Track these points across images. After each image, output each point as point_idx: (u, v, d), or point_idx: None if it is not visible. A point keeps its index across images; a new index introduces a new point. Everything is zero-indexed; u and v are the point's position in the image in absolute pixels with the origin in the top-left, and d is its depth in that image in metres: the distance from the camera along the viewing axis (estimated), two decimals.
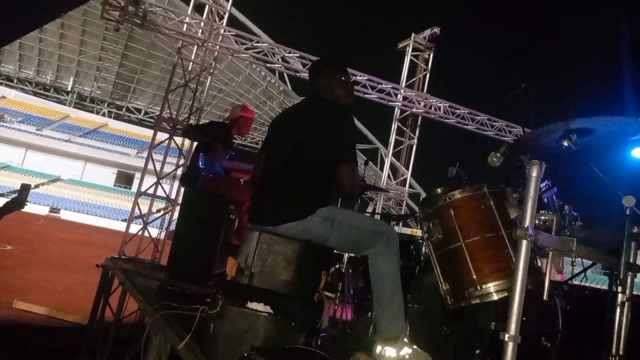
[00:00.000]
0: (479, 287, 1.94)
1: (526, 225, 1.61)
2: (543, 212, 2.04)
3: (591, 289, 3.18)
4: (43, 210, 30.92)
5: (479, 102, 11.08)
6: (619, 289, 1.94)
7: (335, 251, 2.49)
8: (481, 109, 10.38)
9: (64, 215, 32.12)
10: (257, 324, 1.81)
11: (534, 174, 1.67)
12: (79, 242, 16.28)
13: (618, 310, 1.93)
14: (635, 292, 2.17)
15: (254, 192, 2.41)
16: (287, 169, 2.25)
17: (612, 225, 2.28)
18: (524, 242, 1.60)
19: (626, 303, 1.92)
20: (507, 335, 1.56)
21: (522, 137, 2.07)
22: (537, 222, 2.01)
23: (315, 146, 2.20)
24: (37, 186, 34.25)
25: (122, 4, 6.49)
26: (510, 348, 1.54)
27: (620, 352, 1.96)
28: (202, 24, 7.74)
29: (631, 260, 2.09)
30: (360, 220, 2.27)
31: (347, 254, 3.49)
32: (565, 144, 2.02)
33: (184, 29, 7.82)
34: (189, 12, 7.82)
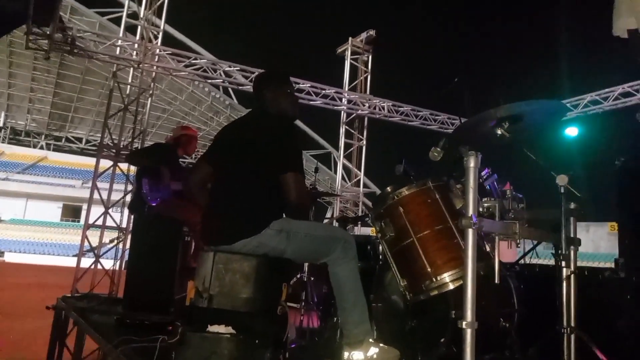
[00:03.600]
0: (434, 279, 2.00)
1: (470, 215, 1.67)
2: (486, 199, 2.14)
3: (541, 266, 3.33)
4: None
5: (420, 98, 11.45)
6: (563, 263, 2.05)
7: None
8: (423, 104, 10.73)
9: (9, 257, 30.20)
10: (220, 346, 1.78)
11: (472, 164, 1.75)
12: (28, 285, 15.36)
13: (564, 283, 2.04)
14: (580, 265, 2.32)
15: (204, 211, 2.38)
16: (236, 185, 2.23)
17: (554, 204, 2.41)
18: (470, 231, 1.67)
19: (571, 276, 2.04)
20: (464, 323, 1.62)
21: (458, 128, 2.15)
22: (480, 209, 2.10)
23: (262, 159, 2.20)
24: None
25: (48, 32, 6.22)
26: (468, 334, 1.60)
27: (572, 324, 2.07)
28: (136, 45, 7.54)
29: (571, 235, 2.22)
30: (315, 229, 2.28)
31: (307, 264, 3.50)
32: (499, 132, 2.12)
33: (118, 52, 7.58)
34: (121, 34, 7.59)
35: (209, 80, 8.80)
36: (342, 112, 10.29)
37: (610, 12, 2.73)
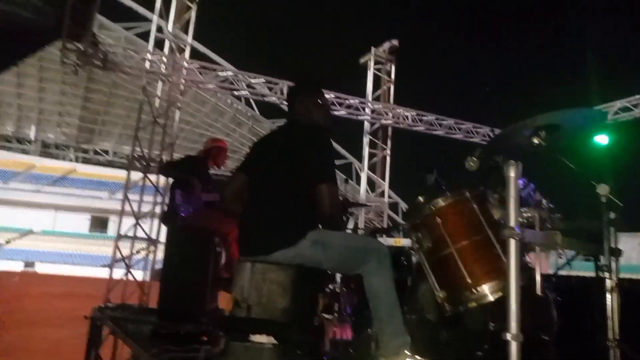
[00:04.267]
0: (474, 290, 1.98)
1: (512, 225, 1.66)
2: (524, 209, 2.11)
3: (577, 278, 3.27)
4: (17, 266, 29.79)
5: (444, 107, 11.38)
6: (606, 274, 2.01)
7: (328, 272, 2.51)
8: (447, 113, 10.67)
9: (40, 268, 31.00)
10: (263, 356, 1.80)
11: (512, 173, 1.73)
12: (58, 294, 15.73)
13: (608, 295, 1.99)
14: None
15: (241, 223, 2.41)
16: (273, 196, 2.26)
17: (590, 214, 2.37)
18: (512, 241, 1.65)
19: (615, 287, 2.00)
20: (509, 335, 1.59)
21: (494, 138, 2.14)
22: (520, 220, 2.08)
23: (297, 171, 2.23)
24: (8, 242, 33.05)
25: (81, 48, 6.44)
26: (514, 347, 1.57)
27: (616, 336, 2.02)
28: (165, 59, 7.74)
29: (612, 245, 2.17)
30: (349, 240, 2.30)
31: (341, 275, 3.50)
32: (536, 141, 2.11)
33: (147, 66, 7.79)
34: (150, 49, 7.81)
35: (235, 92, 8.93)
36: (366, 121, 10.30)
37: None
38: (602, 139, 8.96)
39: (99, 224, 38.83)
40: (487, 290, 1.99)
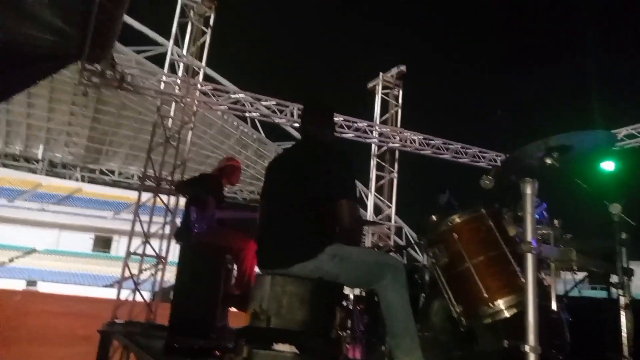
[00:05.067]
0: (490, 305, 2.02)
1: (529, 240, 1.72)
2: (539, 226, 2.17)
3: (588, 299, 3.28)
4: (19, 285, 29.67)
5: (451, 131, 11.50)
6: (620, 292, 2.05)
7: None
8: (454, 137, 10.78)
9: (42, 287, 30.85)
10: None
11: (528, 191, 1.80)
12: (60, 313, 15.63)
13: (623, 312, 2.03)
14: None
15: (260, 237, 2.47)
16: (292, 211, 2.32)
17: (601, 233, 2.42)
18: (530, 256, 1.70)
19: (630, 304, 2.03)
20: (527, 347, 1.63)
21: (508, 158, 2.21)
22: (537, 237, 2.13)
23: (317, 187, 2.30)
24: (11, 260, 33.00)
25: (100, 69, 6.64)
26: (532, 359, 1.61)
27: (630, 354, 2.04)
28: (179, 81, 7.94)
29: (624, 265, 2.21)
30: (366, 255, 2.35)
31: (352, 292, 3.53)
32: (549, 161, 2.18)
33: (162, 87, 7.99)
34: (165, 71, 8.02)
35: (247, 114, 9.09)
36: (373, 144, 10.41)
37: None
38: (608, 166, 9.01)
39: (103, 243, 38.80)
40: (502, 306, 2.03)
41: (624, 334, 1.99)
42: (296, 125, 8.12)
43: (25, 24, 4.48)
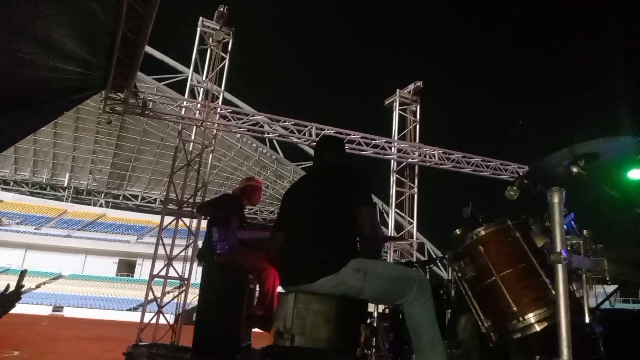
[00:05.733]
0: (520, 319, 1.96)
1: (558, 250, 1.67)
2: (569, 236, 2.11)
3: (623, 311, 3.16)
4: (46, 310, 30.13)
5: (471, 144, 11.42)
6: None
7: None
8: (474, 151, 10.67)
9: (68, 312, 31.28)
10: None
11: (556, 200, 1.76)
12: (86, 338, 15.74)
13: None
14: None
15: (282, 256, 2.47)
16: (314, 226, 2.33)
17: (632, 243, 2.33)
18: (560, 266, 1.65)
19: None
20: None
21: (533, 167, 2.17)
22: (567, 247, 2.07)
23: (338, 201, 2.31)
24: (38, 286, 33.60)
25: (123, 97, 6.83)
26: None
27: None
28: (199, 105, 8.11)
29: None
30: (391, 269, 2.32)
31: (376, 310, 3.48)
32: (575, 170, 2.13)
33: (183, 112, 8.18)
34: (186, 96, 8.22)
35: (266, 135, 9.20)
36: (392, 160, 10.38)
37: None
38: (636, 174, 8.77)
39: (126, 267, 39.28)
40: (532, 319, 1.97)
41: None
42: (314, 144, 8.21)
43: (52, 57, 4.65)
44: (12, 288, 2.90)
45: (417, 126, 10.52)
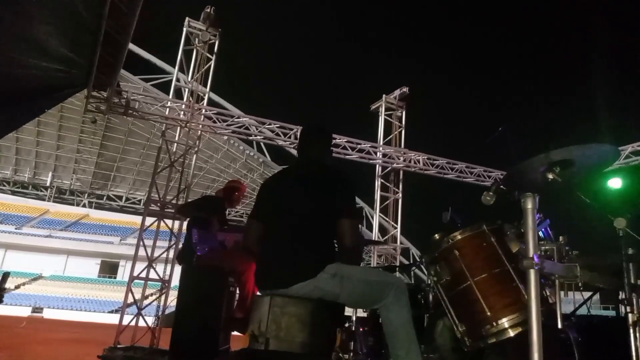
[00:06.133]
0: (494, 324, 1.97)
1: (531, 255, 1.68)
2: (543, 242, 2.12)
3: (598, 317, 3.19)
4: (25, 312, 29.52)
5: (456, 151, 11.51)
6: (628, 309, 1.98)
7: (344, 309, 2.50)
8: (459, 157, 10.77)
9: (48, 314, 30.71)
10: None
11: (529, 205, 1.77)
12: (66, 340, 15.44)
13: (631, 330, 1.96)
14: None
15: (260, 257, 2.44)
16: (292, 230, 2.30)
17: (607, 250, 2.36)
18: (532, 272, 1.66)
19: (638, 322, 1.96)
20: None
21: (509, 173, 2.19)
22: (539, 252, 2.09)
23: (317, 206, 2.28)
24: (17, 287, 32.94)
25: (106, 96, 6.75)
26: None
27: None
28: (184, 106, 8.05)
29: (632, 281, 2.15)
30: (368, 274, 2.31)
31: (354, 314, 3.47)
32: (551, 176, 2.15)
33: (167, 113, 8.10)
34: (171, 96, 8.15)
35: (251, 137, 9.16)
36: (377, 165, 10.43)
37: None
38: (615, 183, 8.91)
39: (108, 268, 38.74)
40: (506, 324, 1.98)
41: (633, 352, 1.92)
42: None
43: (34, 54, 4.58)
44: None
45: (403, 131, 10.60)
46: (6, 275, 2.96)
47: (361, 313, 3.60)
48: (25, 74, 4.68)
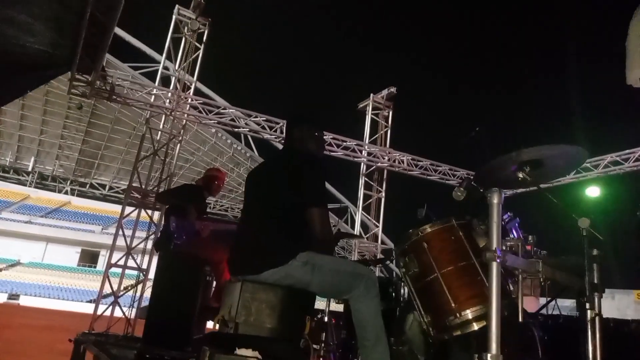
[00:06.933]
0: (458, 315, 2.01)
1: (494, 248, 1.73)
2: (508, 238, 2.18)
3: (565, 317, 3.28)
4: (0, 298, 29.07)
5: (439, 153, 11.62)
6: (587, 305, 2.04)
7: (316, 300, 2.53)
8: (442, 159, 10.89)
9: (24, 301, 30.22)
10: None
11: (495, 200, 1.82)
12: (40, 327, 15.24)
13: (589, 326, 2.02)
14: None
15: (234, 244, 2.46)
16: (264, 217, 2.33)
17: (575, 250, 2.43)
18: (494, 264, 1.71)
19: (596, 318, 2.03)
20: (490, 356, 1.63)
21: (480, 170, 2.24)
22: (503, 247, 2.15)
23: (288, 193, 2.30)
24: None
25: (90, 79, 6.67)
26: None
27: None
28: (169, 94, 8.00)
29: (595, 281, 2.22)
30: (339, 264, 2.34)
31: (327, 306, 3.50)
32: (520, 175, 2.21)
33: (152, 100, 8.04)
34: (156, 84, 8.08)
35: (236, 129, 9.14)
36: (362, 164, 10.49)
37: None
38: (593, 192, 9.12)
39: (89, 258, 38.27)
40: (470, 315, 2.03)
41: (590, 347, 1.99)
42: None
43: (15, 34, 4.51)
44: None
45: (389, 131, 10.67)
46: None
47: (335, 307, 3.63)
48: (6, 52, 4.61)
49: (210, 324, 4.14)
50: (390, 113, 10.85)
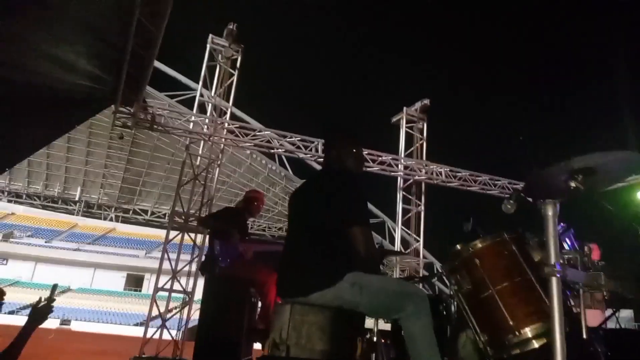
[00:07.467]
0: (517, 333, 1.93)
1: (552, 263, 1.66)
2: (565, 250, 2.09)
3: (628, 331, 3.09)
4: (53, 324, 30.13)
5: (478, 163, 11.37)
6: None
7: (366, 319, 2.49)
8: (482, 169, 10.62)
9: (75, 326, 31.27)
10: None
11: (550, 212, 1.75)
12: (92, 352, 15.67)
13: None
14: None
15: (280, 266, 2.47)
16: (309, 239, 2.32)
17: (632, 259, 2.31)
18: (554, 279, 1.64)
19: None
20: None
21: (529, 181, 2.16)
22: (561, 261, 2.05)
23: (330, 214, 2.28)
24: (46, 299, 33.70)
25: (132, 111, 6.96)
26: None
27: None
28: (207, 120, 8.22)
29: None
30: (387, 283, 2.30)
31: (376, 325, 3.44)
32: (573, 184, 2.12)
33: (191, 127, 8.29)
34: (194, 111, 8.34)
35: (272, 151, 9.26)
36: (399, 178, 10.37)
37: None
38: None
39: (134, 282, 39.29)
40: (529, 334, 1.94)
41: None
42: (321, 160, 8.26)
43: (62, 72, 4.77)
44: (44, 301, 2.94)
45: (424, 144, 10.53)
46: (55, 286, 3.08)
47: (383, 325, 3.56)
48: (54, 90, 4.88)
49: (257, 346, 4.16)
50: (425, 125, 10.72)
